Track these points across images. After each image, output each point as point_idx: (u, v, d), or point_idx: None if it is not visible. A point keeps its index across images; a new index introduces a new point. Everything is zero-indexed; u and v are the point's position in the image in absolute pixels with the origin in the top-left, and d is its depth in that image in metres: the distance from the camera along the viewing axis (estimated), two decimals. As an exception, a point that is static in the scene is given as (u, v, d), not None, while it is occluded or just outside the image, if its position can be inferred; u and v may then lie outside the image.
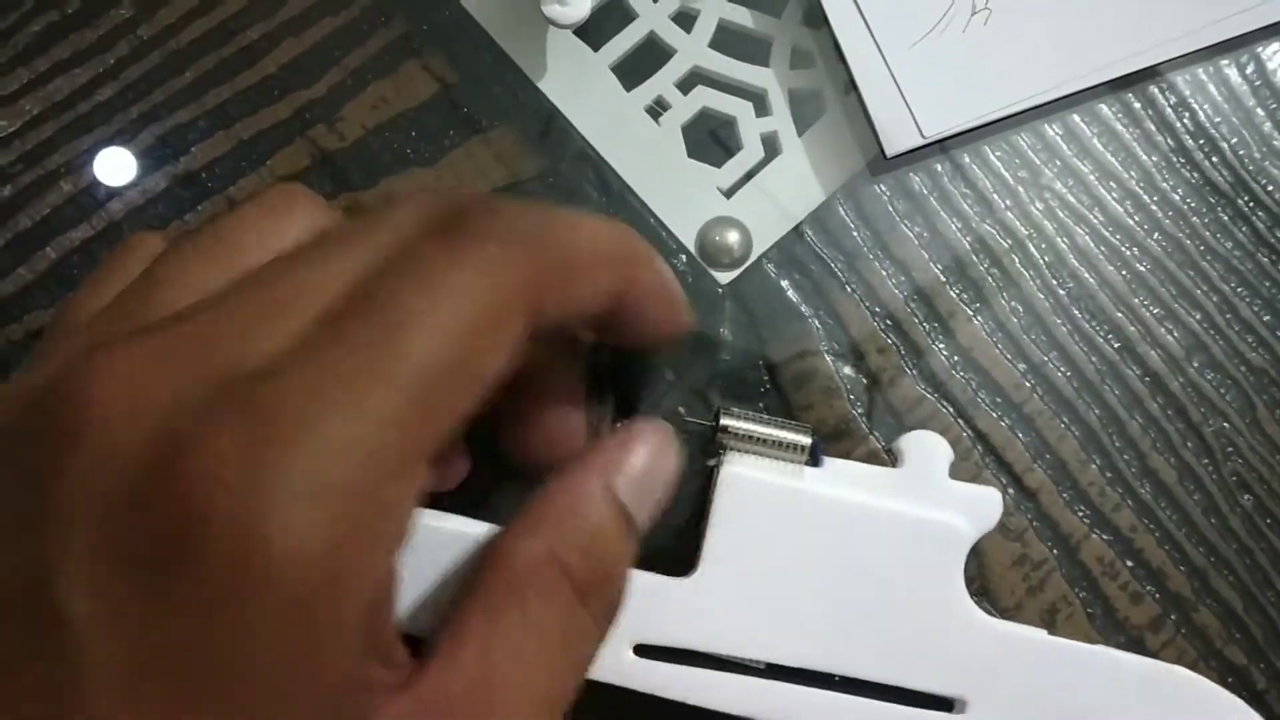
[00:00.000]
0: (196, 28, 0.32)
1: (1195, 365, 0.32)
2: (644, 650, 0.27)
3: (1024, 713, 0.27)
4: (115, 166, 0.32)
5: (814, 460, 0.28)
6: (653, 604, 0.27)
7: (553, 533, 0.21)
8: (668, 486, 0.23)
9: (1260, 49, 0.34)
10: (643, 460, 0.22)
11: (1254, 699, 0.31)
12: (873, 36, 0.32)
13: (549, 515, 0.21)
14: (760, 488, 0.28)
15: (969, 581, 0.28)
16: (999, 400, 0.32)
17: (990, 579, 0.31)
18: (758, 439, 0.28)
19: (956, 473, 0.29)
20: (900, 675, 0.27)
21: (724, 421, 0.27)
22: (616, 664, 0.27)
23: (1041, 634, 0.28)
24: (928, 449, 0.28)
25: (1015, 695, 0.27)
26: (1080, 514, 0.32)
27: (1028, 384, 0.32)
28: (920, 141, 0.32)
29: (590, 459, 0.22)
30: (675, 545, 0.30)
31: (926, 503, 0.28)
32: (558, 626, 0.20)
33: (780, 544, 0.27)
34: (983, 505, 0.28)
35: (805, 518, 0.28)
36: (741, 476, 0.28)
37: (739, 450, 0.28)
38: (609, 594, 0.21)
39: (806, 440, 0.28)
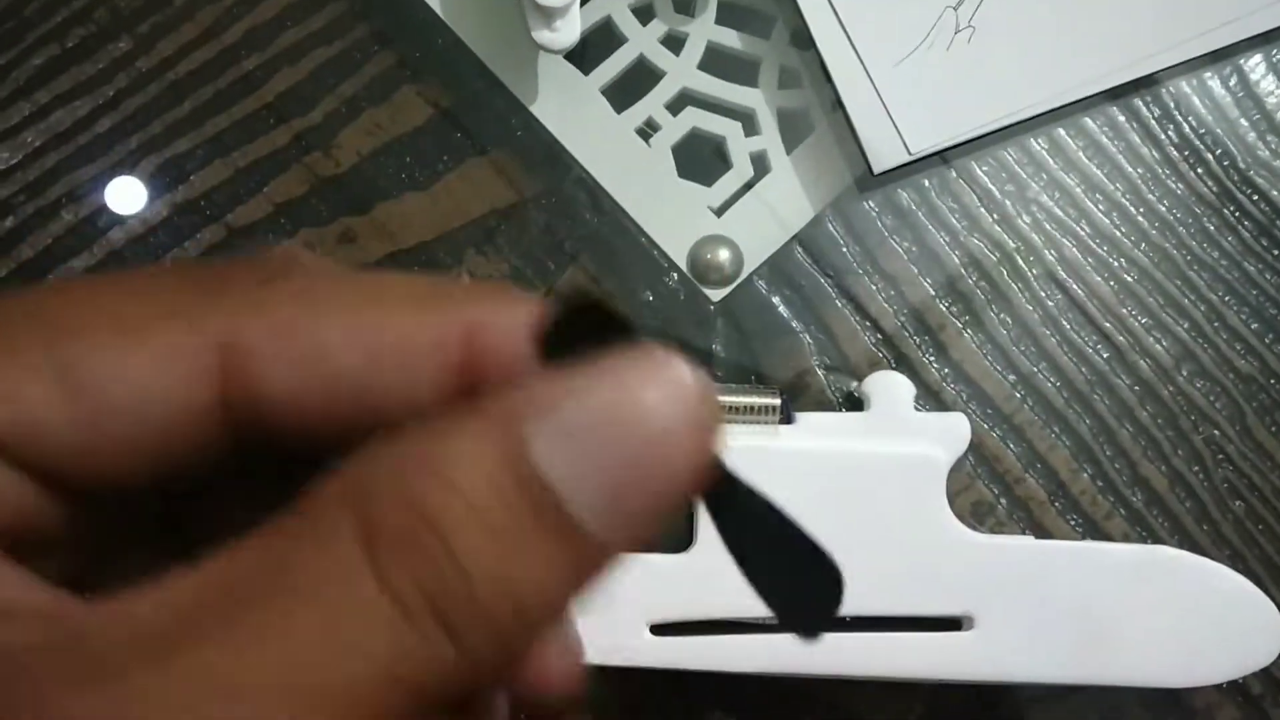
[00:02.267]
0: (194, 59, 0.33)
1: (1184, 374, 0.33)
2: (660, 629, 0.28)
3: (1029, 617, 0.28)
4: (116, 196, 0.32)
5: (786, 418, 0.29)
6: (660, 583, 0.29)
7: (376, 460, 0.13)
8: (667, 464, 0.13)
9: (1243, 60, 0.34)
10: (598, 404, 0.13)
11: (1250, 704, 0.31)
12: (858, 56, 0.33)
13: (389, 442, 0.13)
14: (740, 453, 0.29)
15: (961, 591, 0.28)
16: (990, 411, 0.32)
17: (984, 589, 0.32)
18: (729, 408, 0.29)
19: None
20: (907, 604, 0.29)
21: None
22: (636, 646, 0.28)
23: (1031, 540, 0.29)
24: (890, 388, 0.30)
25: (1018, 601, 0.28)
26: (1073, 523, 0.32)
27: (1018, 395, 0.32)
28: (907, 158, 0.32)
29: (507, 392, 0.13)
30: (674, 525, 0.31)
31: (899, 438, 0.30)
32: (317, 592, 0.12)
33: None
34: (952, 431, 0.30)
35: (789, 473, 0.29)
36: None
37: None
38: (445, 577, 0.12)
39: (776, 401, 0.29)
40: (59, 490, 0.14)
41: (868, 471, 0.29)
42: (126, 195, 0.33)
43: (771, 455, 0.29)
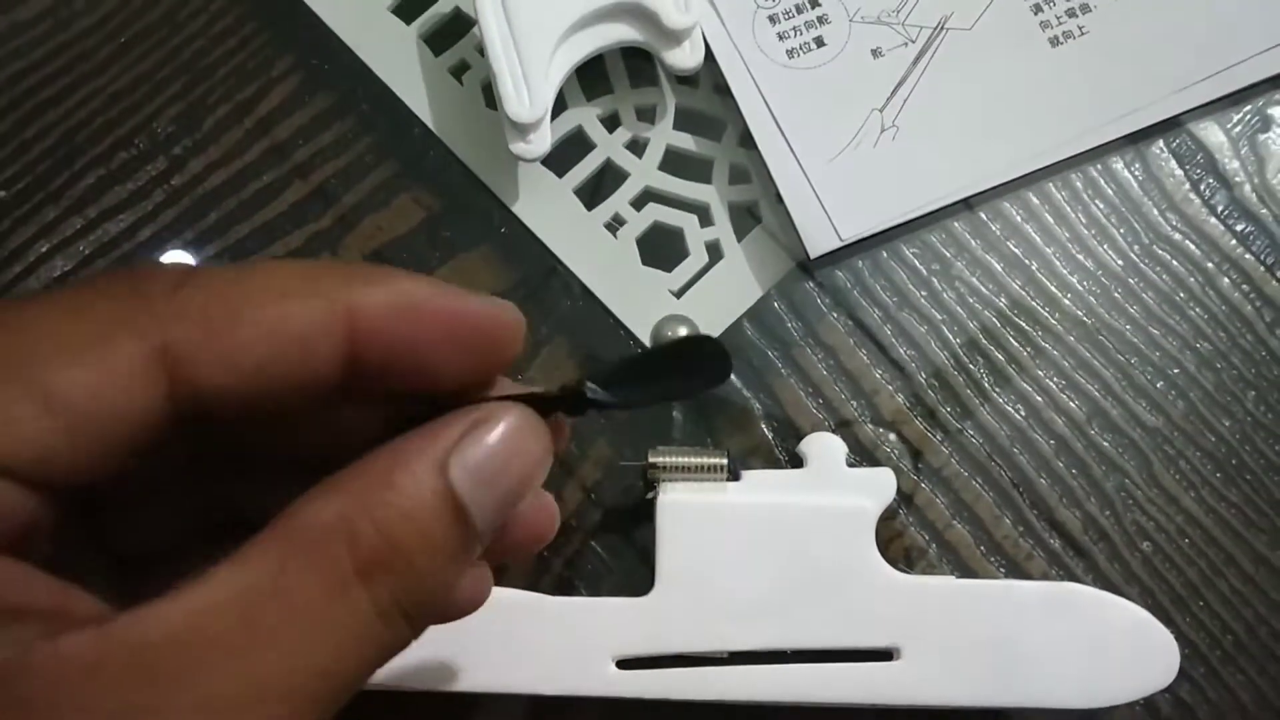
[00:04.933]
0: (219, 176, 0.38)
1: (1095, 428, 0.37)
2: (625, 664, 0.32)
3: (951, 647, 0.32)
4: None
5: (734, 476, 0.34)
6: (625, 622, 0.33)
7: (352, 497, 0.17)
8: (523, 482, 0.19)
9: (1143, 146, 0.39)
10: (492, 445, 0.18)
11: (1161, 725, 0.35)
12: (794, 155, 0.37)
13: (356, 480, 0.17)
14: (693, 508, 0.33)
15: (884, 625, 0.32)
16: (920, 465, 0.36)
17: (918, 624, 0.35)
18: (683, 467, 0.34)
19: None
20: (841, 638, 0.33)
21: (652, 458, 0.33)
22: (603, 679, 0.32)
23: (951, 580, 0.33)
24: (825, 447, 0.34)
25: (941, 635, 0.32)
26: (996, 563, 0.36)
27: (945, 450, 0.36)
28: (839, 243, 0.37)
29: (425, 432, 0.18)
30: (635, 571, 0.34)
31: (833, 491, 0.34)
32: (317, 600, 0.16)
33: (720, 550, 0.33)
34: (879, 484, 0.34)
35: (736, 524, 0.33)
36: (675, 502, 0.33)
37: (670, 480, 0.33)
38: (409, 583, 0.17)
39: (723, 461, 0.33)
40: (44, 491, 0.17)
41: (805, 521, 0.33)
42: (163, 294, 0.38)
43: (720, 509, 0.33)
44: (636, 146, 0.39)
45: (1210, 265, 0.38)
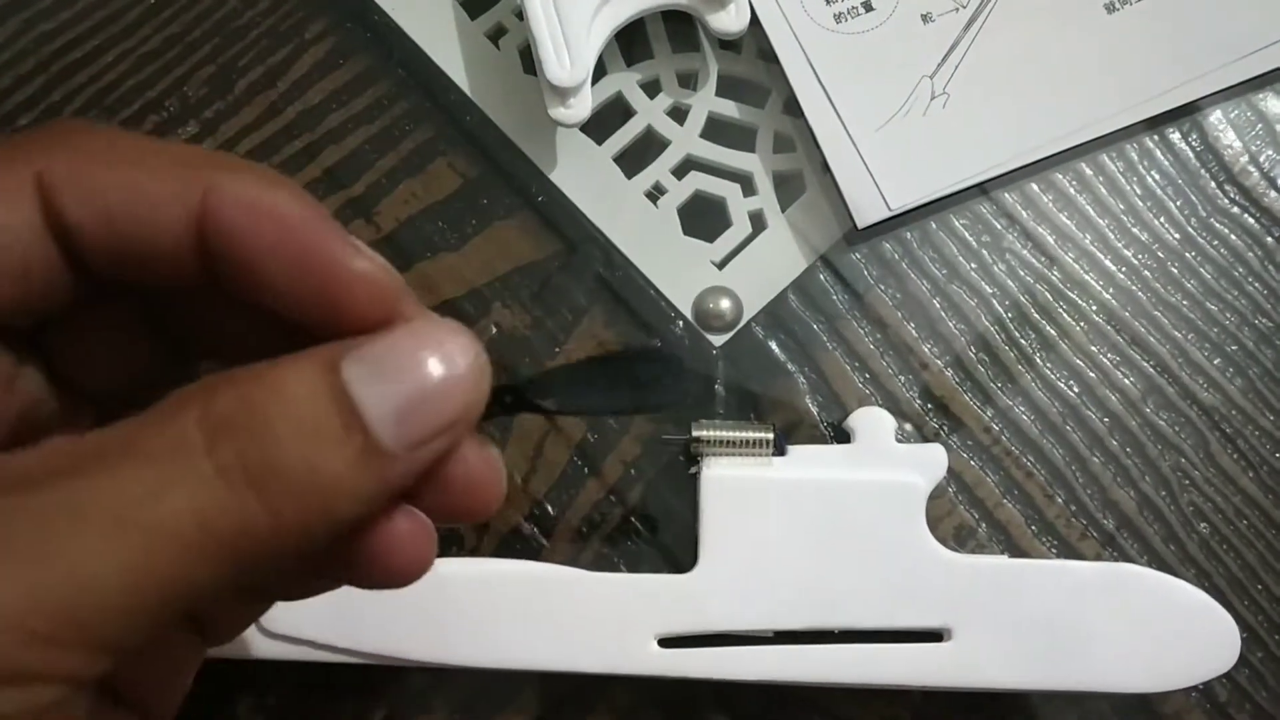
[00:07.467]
0: (252, 140, 0.37)
1: (1151, 406, 0.36)
2: (667, 642, 0.32)
3: (1004, 628, 0.31)
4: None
5: (779, 450, 0.33)
6: (667, 600, 0.32)
7: (225, 378, 0.17)
8: (439, 391, 0.17)
9: (1200, 116, 0.38)
10: (396, 339, 0.17)
11: (1217, 710, 0.34)
12: (842, 123, 0.36)
13: (241, 370, 0.17)
14: (738, 482, 0.32)
15: (936, 604, 0.31)
16: (969, 442, 0.35)
17: (967, 605, 0.34)
18: (728, 442, 0.33)
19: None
20: (891, 618, 0.32)
21: (696, 432, 0.32)
22: (645, 657, 0.31)
23: (1004, 559, 0.32)
24: (874, 422, 0.33)
25: (992, 615, 0.31)
26: (1048, 544, 0.35)
27: (995, 427, 0.35)
28: (888, 214, 0.36)
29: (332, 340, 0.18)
30: (677, 548, 0.34)
31: (882, 467, 0.33)
32: (157, 453, 0.16)
33: (766, 526, 0.32)
34: (930, 460, 0.33)
35: (782, 500, 0.32)
36: (720, 477, 0.32)
37: (715, 455, 0.33)
38: (263, 447, 0.16)
39: (769, 435, 0.32)
40: None
41: (854, 498, 0.32)
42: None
43: (766, 484, 0.33)
44: (678, 114, 0.38)
45: (1270, 239, 0.37)
